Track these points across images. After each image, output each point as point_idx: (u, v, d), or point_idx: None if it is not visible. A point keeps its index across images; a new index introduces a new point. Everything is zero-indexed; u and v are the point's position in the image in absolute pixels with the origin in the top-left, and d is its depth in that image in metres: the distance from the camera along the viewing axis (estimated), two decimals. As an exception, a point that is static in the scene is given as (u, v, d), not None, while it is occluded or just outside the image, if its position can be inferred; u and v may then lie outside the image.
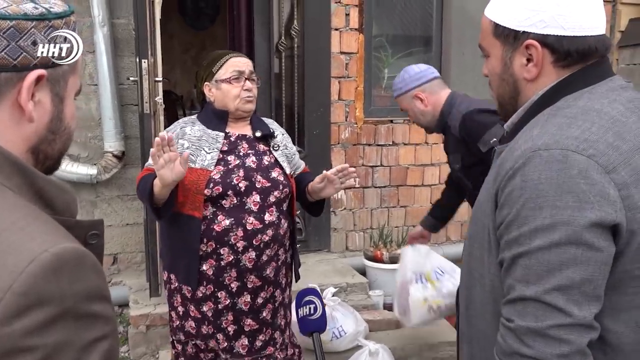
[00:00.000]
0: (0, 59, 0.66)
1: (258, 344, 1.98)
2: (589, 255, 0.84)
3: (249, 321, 1.95)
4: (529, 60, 0.99)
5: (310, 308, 1.65)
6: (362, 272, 3.52)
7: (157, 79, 2.83)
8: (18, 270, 0.58)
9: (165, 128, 2.77)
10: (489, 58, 1.06)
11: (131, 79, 3.17)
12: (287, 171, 2.00)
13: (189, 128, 1.93)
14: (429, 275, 2.42)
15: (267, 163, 1.95)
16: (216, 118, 1.96)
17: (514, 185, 0.90)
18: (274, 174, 1.93)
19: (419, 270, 2.48)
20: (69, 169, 3.19)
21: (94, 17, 3.14)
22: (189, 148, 1.88)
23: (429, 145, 3.85)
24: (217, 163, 1.88)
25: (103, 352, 0.63)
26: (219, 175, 1.86)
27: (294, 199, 2.05)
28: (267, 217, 1.89)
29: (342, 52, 3.56)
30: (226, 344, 1.95)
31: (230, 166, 1.89)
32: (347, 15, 3.54)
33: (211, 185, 1.84)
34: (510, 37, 0.99)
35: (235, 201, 1.87)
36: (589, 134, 0.89)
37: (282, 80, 3.52)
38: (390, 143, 3.75)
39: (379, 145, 3.73)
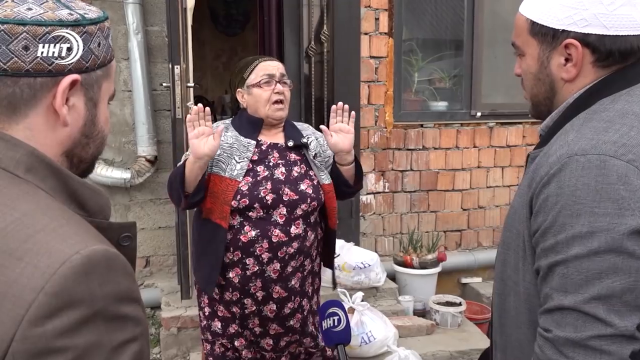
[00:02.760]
0: (36, 64, 0.68)
1: (282, 343, 2.01)
2: (630, 263, 0.81)
3: (274, 326, 1.98)
4: (567, 60, 0.96)
5: (334, 320, 1.64)
6: (392, 277, 3.49)
7: (188, 84, 2.88)
8: (50, 271, 0.59)
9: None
10: (523, 57, 1.03)
11: (164, 85, 3.23)
12: (326, 181, 1.97)
13: (222, 134, 1.93)
14: (344, 265, 3.16)
15: (296, 174, 1.93)
16: (249, 125, 1.95)
17: (549, 192, 0.87)
18: (303, 186, 1.91)
19: (336, 262, 3.23)
20: (103, 173, 3.27)
21: (129, 24, 3.21)
22: (220, 155, 1.89)
23: (460, 150, 3.81)
24: (246, 174, 1.88)
25: (133, 354, 0.63)
26: (247, 187, 1.86)
27: (332, 209, 2.01)
28: (293, 230, 1.88)
29: (371, 57, 3.55)
30: (253, 338, 2.00)
31: (258, 177, 1.88)
32: (377, 19, 3.53)
33: (238, 197, 1.84)
34: (549, 36, 0.96)
35: (262, 213, 1.86)
36: (628, 138, 0.86)
37: (312, 85, 3.53)
38: (420, 147, 3.72)
39: (408, 149, 3.70)
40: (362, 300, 2.90)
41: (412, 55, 3.78)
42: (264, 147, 1.94)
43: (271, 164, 1.92)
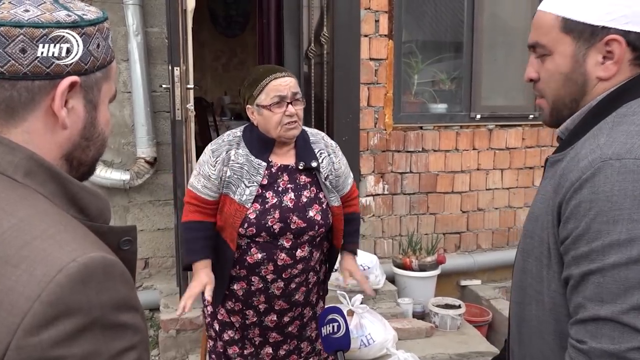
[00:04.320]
0: (34, 67, 0.67)
1: (282, 352, 2.00)
2: None
3: (274, 334, 1.98)
4: (604, 57, 0.93)
5: (333, 326, 1.64)
6: (391, 279, 3.48)
7: (188, 86, 2.87)
8: (46, 279, 0.58)
9: (195, 134, 2.80)
10: (549, 56, 0.98)
11: (163, 86, 3.22)
12: (336, 204, 1.93)
13: (234, 152, 1.86)
14: None
15: (305, 200, 1.87)
16: (260, 144, 1.88)
17: (582, 198, 0.84)
18: (311, 212, 1.87)
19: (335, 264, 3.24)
20: (102, 174, 3.26)
21: (129, 26, 3.21)
22: (230, 177, 1.84)
23: (459, 152, 3.80)
24: (255, 200, 1.83)
25: None
26: (254, 216, 1.82)
27: (338, 231, 1.99)
28: (299, 253, 1.87)
29: (371, 59, 3.54)
30: (252, 349, 1.99)
31: (267, 205, 1.83)
32: (377, 21, 3.53)
33: (245, 225, 1.82)
34: (586, 33, 0.92)
35: (269, 239, 1.85)
36: None
37: (312, 87, 3.52)
38: (420, 149, 3.72)
39: (408, 151, 3.70)
40: (362, 303, 2.89)
41: (412, 58, 3.78)
42: (274, 170, 1.88)
43: (280, 189, 1.87)
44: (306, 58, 3.53)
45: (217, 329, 2.00)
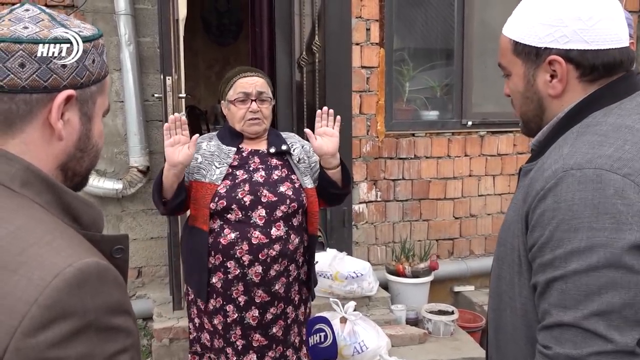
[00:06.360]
0: (32, 81, 0.70)
1: None
2: (629, 278, 0.81)
3: (257, 336, 1.94)
4: (552, 76, 0.97)
5: (320, 336, 1.64)
6: (384, 286, 3.50)
7: (180, 95, 2.89)
8: (44, 283, 0.60)
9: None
10: (510, 77, 1.04)
11: (156, 95, 3.24)
12: (309, 185, 1.98)
13: (205, 143, 1.99)
14: (336, 274, 3.19)
15: (276, 177, 1.94)
16: (232, 135, 2.01)
17: (545, 207, 0.87)
18: (282, 188, 1.92)
19: (328, 271, 3.17)
20: (95, 183, 3.26)
21: (121, 36, 3.22)
22: (202, 163, 1.93)
23: (451, 159, 3.83)
24: (225, 177, 1.91)
25: None
26: (225, 190, 1.89)
27: (313, 214, 2.00)
28: (274, 232, 1.89)
29: (363, 67, 3.58)
30: (235, 358, 1.95)
31: (237, 180, 1.91)
32: (368, 29, 3.56)
33: (216, 199, 1.87)
34: (532, 55, 0.98)
35: (240, 215, 1.88)
36: (622, 152, 0.86)
37: (304, 95, 3.55)
38: (412, 156, 3.74)
39: (400, 158, 3.72)
40: (355, 310, 2.90)
41: (403, 65, 3.81)
42: (244, 154, 1.98)
43: (251, 168, 1.96)
44: (298, 66, 3.55)
45: (207, 341, 1.98)
